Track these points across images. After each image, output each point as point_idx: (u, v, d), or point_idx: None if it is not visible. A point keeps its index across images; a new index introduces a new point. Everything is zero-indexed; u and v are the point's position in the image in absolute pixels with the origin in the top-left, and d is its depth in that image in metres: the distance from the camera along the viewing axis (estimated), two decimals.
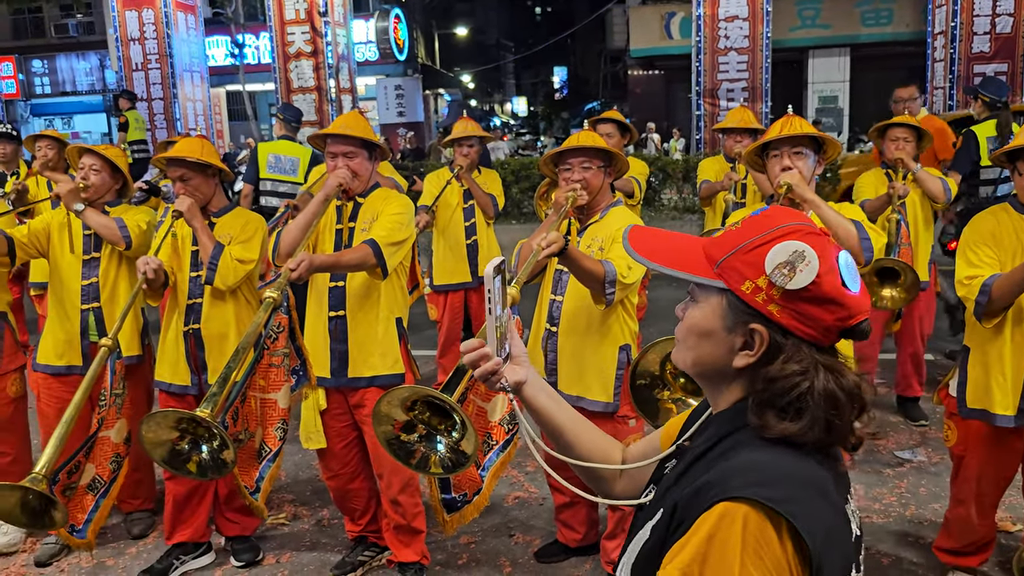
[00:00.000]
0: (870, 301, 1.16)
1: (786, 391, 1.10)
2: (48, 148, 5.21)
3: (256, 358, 2.96)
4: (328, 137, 3.20)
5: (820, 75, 19.18)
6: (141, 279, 3.16)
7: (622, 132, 5.07)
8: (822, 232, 1.13)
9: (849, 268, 1.11)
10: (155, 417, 2.64)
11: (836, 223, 2.71)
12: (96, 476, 3.13)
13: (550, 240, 2.66)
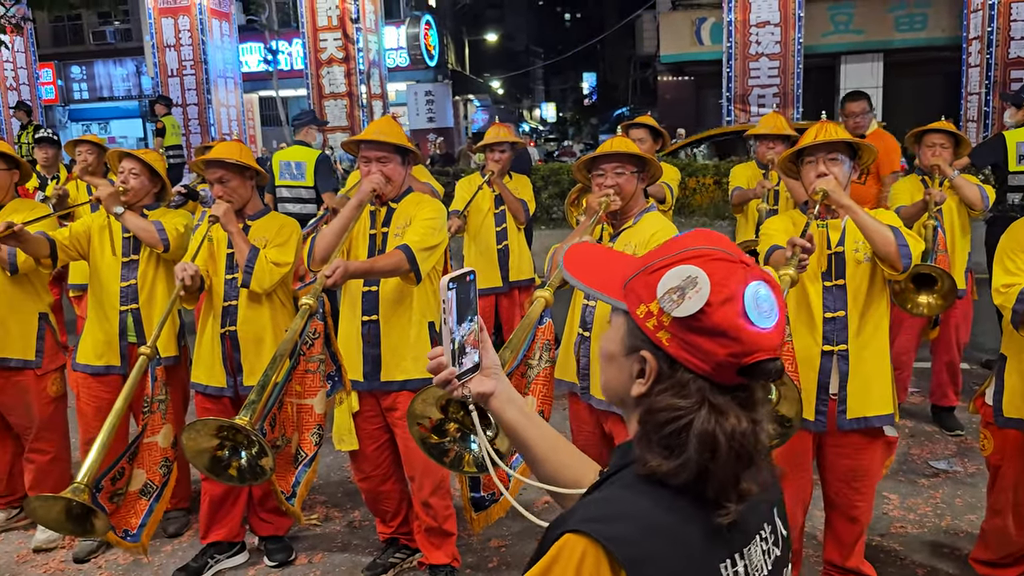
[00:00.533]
0: (778, 341, 1.04)
1: (662, 425, 1.04)
2: (88, 152, 5.32)
3: (293, 364, 3.00)
4: (362, 143, 3.24)
5: (852, 81, 18.96)
6: (179, 285, 3.21)
7: (654, 137, 5.07)
8: (736, 259, 1.05)
9: (759, 301, 1.02)
10: (195, 426, 2.69)
11: (873, 229, 2.69)
12: (148, 481, 3.17)
13: None
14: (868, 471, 2.92)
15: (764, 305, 1.03)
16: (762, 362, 1.03)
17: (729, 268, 1.03)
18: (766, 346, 1.03)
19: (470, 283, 1.29)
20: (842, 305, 2.81)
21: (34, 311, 3.88)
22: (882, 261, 2.72)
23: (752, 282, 1.03)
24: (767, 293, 1.04)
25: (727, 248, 1.07)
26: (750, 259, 1.06)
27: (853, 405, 2.83)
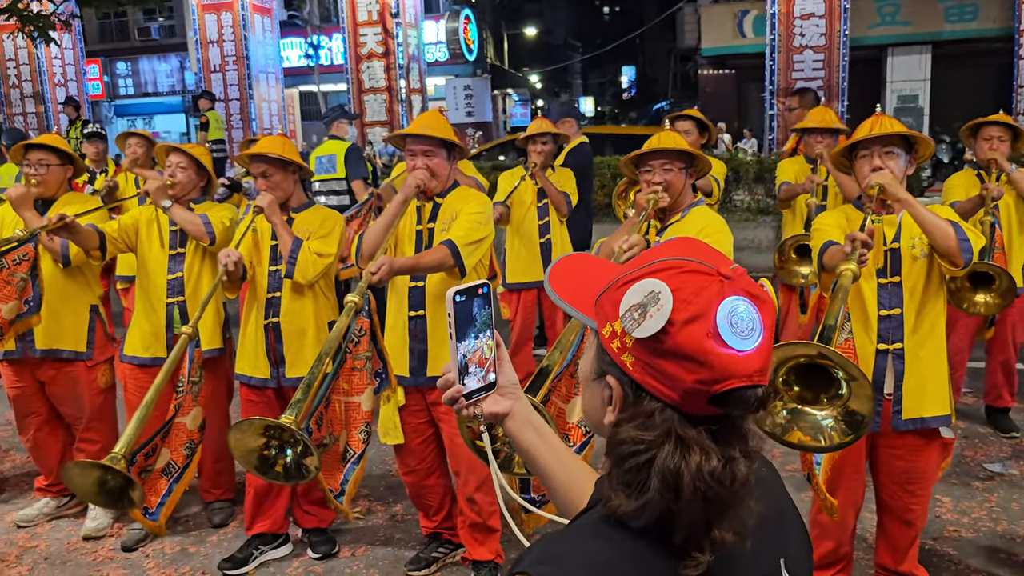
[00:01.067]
0: (759, 365, 0.92)
1: (623, 459, 0.94)
2: (138, 146, 5.42)
3: (339, 362, 3.00)
4: (407, 137, 3.23)
5: (899, 73, 18.59)
6: (221, 271, 3.25)
7: (700, 130, 5.00)
8: (711, 271, 0.93)
9: (734, 319, 0.91)
10: (241, 426, 2.72)
11: (932, 223, 2.60)
12: (171, 461, 3.22)
13: (632, 243, 2.63)
14: (923, 473, 2.84)
15: (742, 324, 0.91)
16: (737, 390, 0.91)
17: (700, 281, 0.92)
18: (741, 371, 0.90)
19: (483, 296, 1.19)
20: (898, 303, 2.74)
21: (86, 303, 3.94)
22: (941, 256, 2.64)
23: (729, 297, 0.91)
24: (747, 310, 0.91)
25: (704, 259, 0.95)
26: (735, 271, 0.94)
27: (909, 405, 2.75)
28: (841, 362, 2.25)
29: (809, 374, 2.32)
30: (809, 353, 2.27)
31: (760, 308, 0.93)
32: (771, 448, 4.52)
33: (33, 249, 3.59)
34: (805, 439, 2.31)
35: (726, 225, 3.02)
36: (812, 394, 2.33)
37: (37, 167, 3.84)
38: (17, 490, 4.46)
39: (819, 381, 2.32)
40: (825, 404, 2.31)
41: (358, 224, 5.01)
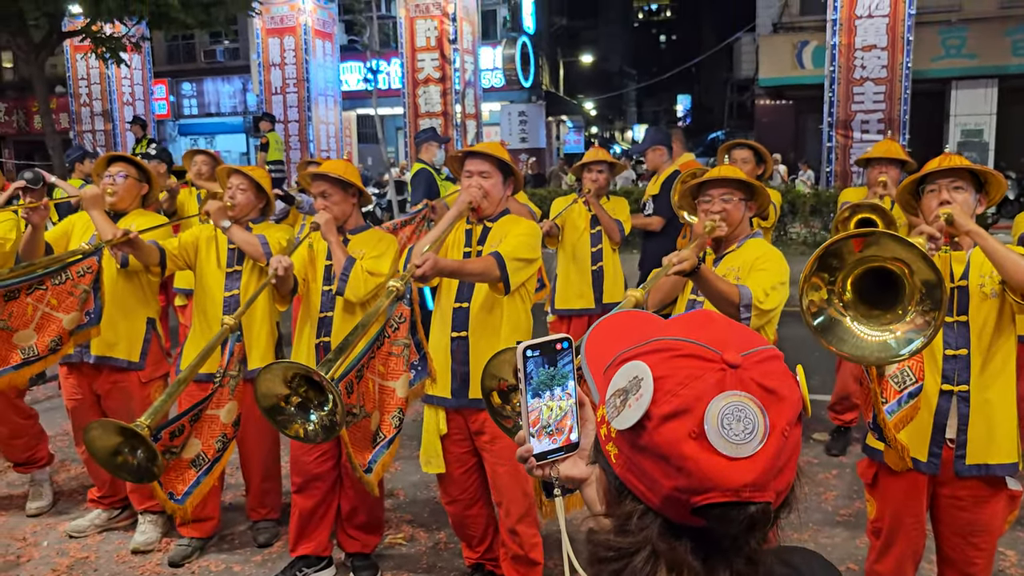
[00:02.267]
0: (751, 479, 0.77)
1: (596, 563, 0.84)
2: (203, 164, 5.67)
3: (378, 344, 3.01)
4: (467, 156, 3.25)
5: (964, 107, 18.21)
6: (271, 274, 3.28)
7: (757, 160, 4.93)
8: (715, 358, 0.80)
9: (726, 420, 0.77)
10: (273, 367, 2.71)
11: (1004, 256, 2.49)
12: (201, 452, 3.24)
13: (682, 256, 2.57)
14: (988, 526, 2.72)
15: (737, 427, 0.77)
16: (719, 506, 0.77)
17: (694, 369, 0.79)
18: (726, 484, 0.76)
19: (561, 351, 1.09)
20: (964, 343, 2.64)
21: (143, 315, 4.02)
22: (1013, 291, 2.53)
23: (727, 391, 0.78)
24: (748, 409, 0.78)
25: (713, 341, 0.81)
26: (748, 358, 0.80)
27: (973, 450, 2.64)
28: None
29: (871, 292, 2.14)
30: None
31: (772, 407, 0.79)
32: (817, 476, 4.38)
33: (97, 263, 3.67)
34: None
35: (782, 257, 2.95)
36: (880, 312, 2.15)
37: (115, 179, 3.95)
38: (71, 500, 4.54)
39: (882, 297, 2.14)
40: (899, 312, 2.11)
41: (411, 231, 5.06)
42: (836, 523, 4.04)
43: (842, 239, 2.09)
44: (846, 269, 2.11)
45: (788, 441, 0.80)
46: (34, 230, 3.70)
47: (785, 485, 0.80)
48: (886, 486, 2.79)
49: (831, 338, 2.14)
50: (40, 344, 3.48)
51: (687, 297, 3.06)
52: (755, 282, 2.77)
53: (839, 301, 2.14)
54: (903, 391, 2.48)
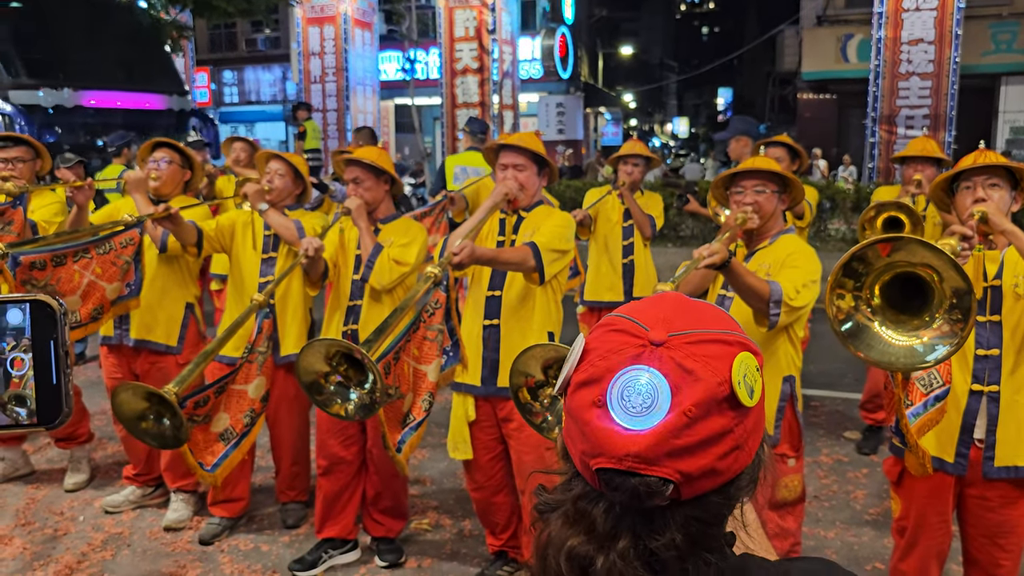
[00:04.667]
0: (636, 450, 0.79)
1: (533, 517, 0.89)
2: (241, 150, 5.74)
3: (414, 328, 3.04)
4: (502, 149, 3.27)
5: (1013, 104, 17.76)
6: (301, 254, 3.33)
7: (792, 157, 4.88)
8: (642, 336, 0.83)
9: (628, 392, 0.80)
10: (316, 344, 2.75)
11: None
12: (229, 427, 3.29)
13: (713, 249, 2.55)
14: (1016, 527, 2.68)
15: (636, 400, 0.80)
16: (607, 472, 0.80)
17: (619, 343, 0.82)
18: (613, 451, 0.79)
19: None
20: (996, 343, 2.59)
21: (182, 299, 4.10)
22: None
23: (636, 366, 0.81)
24: (653, 384, 0.80)
25: (653, 320, 0.84)
26: (680, 338, 0.82)
27: (1003, 452, 2.60)
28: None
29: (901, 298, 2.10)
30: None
31: (684, 387, 0.80)
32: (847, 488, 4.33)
33: (139, 235, 3.73)
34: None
35: (815, 254, 2.93)
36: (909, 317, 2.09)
37: (160, 164, 4.03)
38: (107, 477, 4.66)
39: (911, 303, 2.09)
40: (927, 318, 2.06)
41: (430, 222, 5.08)
42: (864, 522, 4.00)
43: (868, 245, 2.05)
44: (873, 274, 2.07)
45: (696, 423, 0.80)
46: (79, 210, 3.78)
47: (697, 469, 0.80)
48: (911, 485, 2.76)
49: (859, 344, 2.11)
50: (83, 311, 3.55)
51: (717, 291, 3.04)
52: (786, 279, 2.75)
53: (867, 307, 2.10)
54: (929, 394, 2.44)
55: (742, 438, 0.83)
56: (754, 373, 0.83)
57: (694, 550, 0.82)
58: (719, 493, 0.83)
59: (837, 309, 2.10)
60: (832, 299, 2.09)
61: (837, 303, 2.10)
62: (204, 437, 3.24)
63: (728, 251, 2.58)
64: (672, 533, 0.81)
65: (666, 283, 2.46)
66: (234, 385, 3.33)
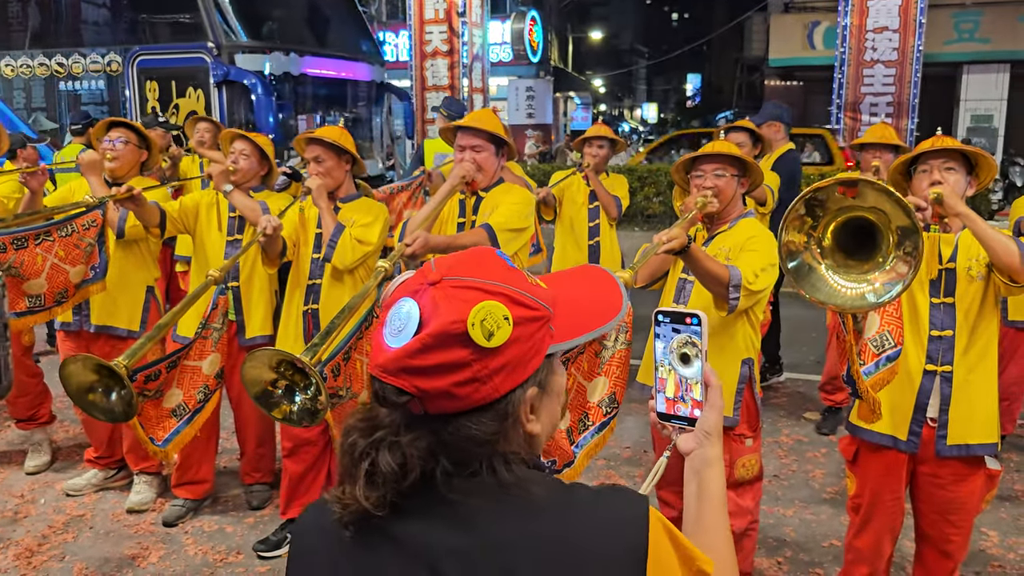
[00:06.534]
0: (382, 360, 0.97)
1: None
2: (206, 131, 5.61)
3: (366, 325, 3.03)
4: (458, 130, 3.27)
5: (974, 92, 18.05)
6: (259, 232, 3.30)
7: (754, 142, 4.93)
8: (424, 274, 0.99)
9: (392, 316, 0.97)
10: (258, 354, 2.74)
11: (993, 238, 2.51)
12: (182, 403, 3.24)
13: (672, 235, 2.57)
14: (966, 504, 2.75)
15: (396, 323, 0.96)
16: (372, 376, 0.99)
17: (412, 282, 0.99)
18: (374, 360, 0.98)
19: (691, 326, 1.23)
20: (950, 324, 2.66)
21: (143, 283, 4.05)
22: (1001, 272, 2.54)
23: (405, 297, 0.97)
24: (410, 312, 0.95)
25: (441, 265, 1.00)
26: (452, 282, 0.96)
27: (955, 431, 2.67)
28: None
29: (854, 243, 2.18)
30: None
31: (430, 319, 0.94)
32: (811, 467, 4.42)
33: (101, 216, 3.66)
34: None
35: (773, 238, 2.96)
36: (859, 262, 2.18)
37: (116, 143, 3.96)
38: (69, 460, 4.62)
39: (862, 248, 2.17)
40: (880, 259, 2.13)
41: (407, 197, 5.06)
42: (822, 500, 4.09)
43: (830, 184, 2.11)
44: (828, 216, 2.13)
45: (431, 350, 0.94)
46: (32, 195, 3.72)
47: (433, 389, 0.94)
48: (866, 463, 2.83)
49: (805, 284, 2.18)
50: (48, 294, 3.51)
51: (677, 276, 3.08)
52: (745, 263, 2.78)
53: (817, 248, 2.17)
54: (881, 354, 2.47)
55: (482, 373, 0.95)
56: (498, 320, 0.94)
57: (453, 460, 0.97)
58: (468, 417, 0.97)
59: (789, 242, 2.18)
60: (786, 230, 2.16)
61: (790, 235, 2.17)
62: (156, 412, 3.18)
63: (687, 236, 2.61)
64: (420, 437, 0.97)
65: (625, 270, 2.47)
66: (187, 361, 3.28)
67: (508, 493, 0.97)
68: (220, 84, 9.64)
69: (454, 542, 0.96)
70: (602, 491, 1.04)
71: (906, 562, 3.30)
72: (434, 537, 0.97)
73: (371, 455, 0.97)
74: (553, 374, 1.06)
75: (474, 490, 0.97)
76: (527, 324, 0.97)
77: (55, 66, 10.78)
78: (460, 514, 0.97)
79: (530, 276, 1.04)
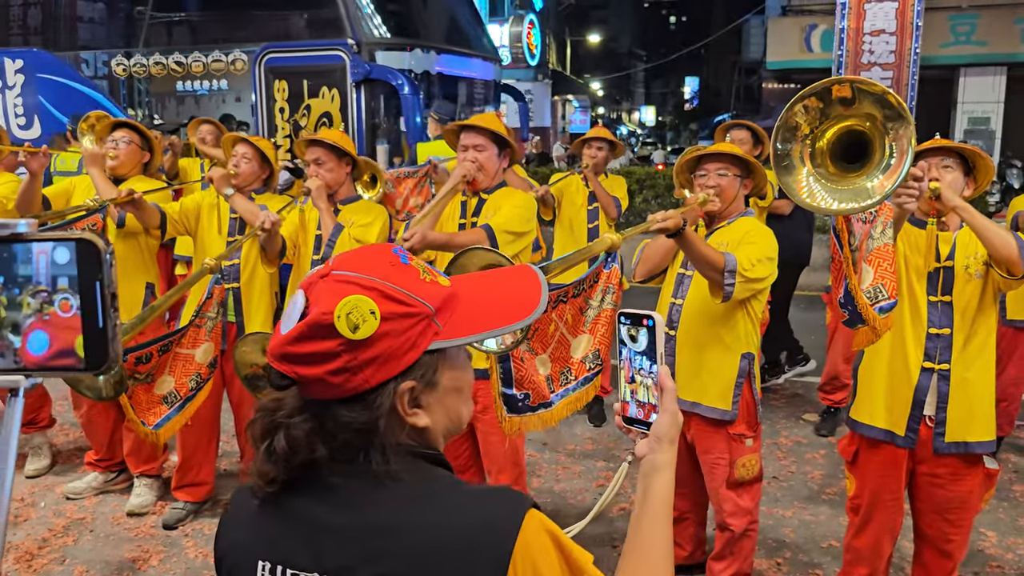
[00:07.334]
0: (274, 344, 1.04)
1: None
2: (208, 133, 5.66)
3: None
4: (462, 130, 3.28)
5: (971, 95, 18.10)
6: (257, 226, 3.30)
7: (755, 141, 4.95)
8: (321, 271, 1.05)
9: (290, 307, 1.04)
10: (251, 337, 2.73)
11: (991, 231, 2.53)
12: (173, 390, 3.22)
13: (667, 215, 2.57)
14: (965, 502, 2.77)
15: (289, 311, 1.03)
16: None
17: (312, 275, 1.05)
18: (269, 345, 1.05)
19: (648, 328, 1.19)
20: (948, 322, 2.67)
21: (142, 280, 4.06)
22: (998, 265, 2.56)
23: (301, 290, 1.04)
24: (297, 303, 1.02)
25: (337, 260, 1.06)
26: (332, 275, 1.03)
27: (953, 428, 2.68)
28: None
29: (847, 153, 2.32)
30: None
31: (311, 309, 1.00)
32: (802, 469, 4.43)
33: (101, 220, 3.66)
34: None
35: (772, 234, 2.98)
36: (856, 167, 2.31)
37: (119, 143, 3.97)
38: (69, 463, 4.62)
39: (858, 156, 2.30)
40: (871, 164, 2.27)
41: (413, 184, 5.05)
42: (821, 501, 4.10)
43: (832, 81, 2.27)
44: (826, 123, 2.29)
45: (305, 339, 1.00)
46: (32, 178, 3.71)
47: (309, 375, 1.01)
48: (865, 463, 2.84)
49: (781, 175, 2.33)
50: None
51: (676, 270, 3.09)
52: (742, 253, 2.80)
53: (809, 147, 2.31)
54: (875, 305, 2.46)
55: (352, 364, 1.00)
56: (364, 314, 0.99)
57: (334, 445, 1.02)
58: (343, 405, 1.02)
59: (785, 126, 2.30)
60: (787, 116, 2.29)
61: (788, 121, 2.29)
62: (147, 398, 3.16)
63: (682, 219, 2.61)
64: (306, 421, 1.03)
65: (615, 233, 2.47)
66: (180, 348, 3.25)
67: (382, 483, 1.02)
68: (359, 83, 8.97)
69: (331, 522, 1.03)
70: (484, 492, 1.07)
71: (905, 562, 3.31)
72: (315, 515, 1.04)
73: (271, 434, 1.04)
74: (453, 370, 1.09)
75: (353, 475, 1.03)
76: (398, 319, 1.01)
77: (172, 65, 10.26)
78: (339, 497, 1.03)
79: (428, 274, 1.06)
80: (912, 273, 2.70)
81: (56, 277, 0.87)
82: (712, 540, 3.34)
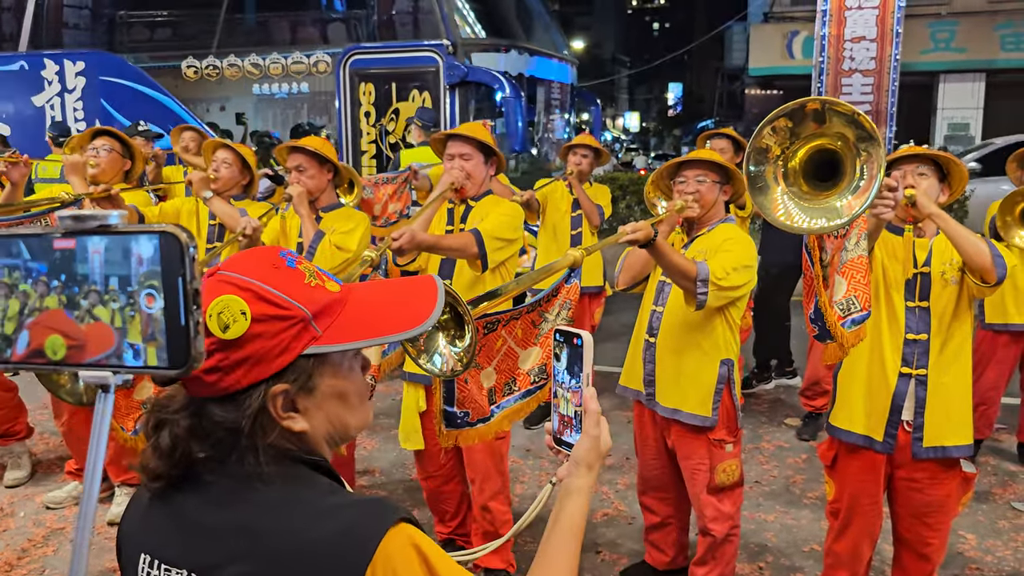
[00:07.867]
0: None
1: None
2: (191, 140, 5.63)
3: None
4: (448, 139, 3.29)
5: (951, 101, 18.31)
6: (238, 232, 3.29)
7: (736, 149, 4.99)
8: (211, 271, 1.05)
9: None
10: None
11: (965, 239, 2.57)
12: (152, 396, 3.23)
13: (636, 227, 2.58)
14: (942, 506, 2.79)
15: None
16: None
17: (205, 272, 1.05)
18: None
19: (576, 348, 1.17)
20: (925, 328, 2.70)
21: None
22: (973, 272, 2.60)
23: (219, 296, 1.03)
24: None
25: (229, 262, 1.06)
26: (216, 275, 1.03)
27: (931, 433, 2.71)
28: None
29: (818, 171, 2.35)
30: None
31: (203, 307, 1.01)
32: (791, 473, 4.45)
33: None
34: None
35: (751, 242, 3.01)
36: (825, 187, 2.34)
37: (100, 151, 3.95)
38: (48, 472, 4.58)
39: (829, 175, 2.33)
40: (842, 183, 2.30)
41: (392, 190, 5.04)
42: (803, 505, 4.12)
43: (804, 101, 2.29)
44: (798, 142, 2.30)
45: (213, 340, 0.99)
46: (13, 187, 3.69)
47: (214, 377, 1.00)
48: (844, 468, 2.86)
49: (756, 196, 2.35)
50: None
51: (657, 278, 3.11)
52: (716, 261, 2.82)
53: (782, 167, 2.33)
54: (847, 317, 2.48)
55: (224, 363, 0.99)
56: (235, 314, 0.99)
57: (208, 443, 1.02)
58: (215, 404, 1.02)
59: (757, 150, 2.33)
60: (758, 139, 2.32)
61: (761, 144, 2.32)
62: (126, 403, 3.14)
63: (652, 229, 2.62)
64: (186, 418, 1.03)
65: (577, 249, 2.43)
66: None
67: (253, 484, 1.02)
68: (454, 86, 8.47)
69: (202, 520, 1.03)
70: (355, 501, 1.04)
71: (885, 565, 3.33)
72: (190, 512, 1.04)
73: (158, 430, 1.05)
74: (335, 376, 1.08)
75: (226, 475, 1.03)
76: (270, 321, 1.00)
77: (248, 67, 9.74)
78: (212, 495, 1.03)
79: (315, 279, 1.05)
80: (890, 279, 2.73)
81: (141, 273, 0.85)
82: (694, 545, 3.36)
